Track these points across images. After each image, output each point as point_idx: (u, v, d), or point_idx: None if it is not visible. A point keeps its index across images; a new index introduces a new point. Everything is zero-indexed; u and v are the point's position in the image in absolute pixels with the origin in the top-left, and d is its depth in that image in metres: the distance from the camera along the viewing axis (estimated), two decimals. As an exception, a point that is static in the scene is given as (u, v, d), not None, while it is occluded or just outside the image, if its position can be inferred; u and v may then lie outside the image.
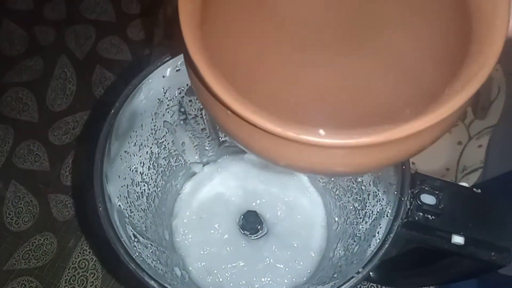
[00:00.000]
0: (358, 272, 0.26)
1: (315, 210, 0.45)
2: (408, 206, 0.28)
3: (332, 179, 0.42)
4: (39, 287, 0.54)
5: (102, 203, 0.28)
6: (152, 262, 0.33)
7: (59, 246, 0.56)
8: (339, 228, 0.41)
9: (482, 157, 0.59)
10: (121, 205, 0.32)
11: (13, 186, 0.60)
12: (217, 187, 0.47)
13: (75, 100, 0.65)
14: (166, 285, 0.26)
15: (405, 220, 0.28)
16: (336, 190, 0.44)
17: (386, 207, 0.31)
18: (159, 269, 0.34)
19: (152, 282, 0.26)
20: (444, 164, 0.60)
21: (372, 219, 0.34)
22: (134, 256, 0.27)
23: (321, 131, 0.15)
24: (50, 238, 0.57)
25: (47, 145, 0.62)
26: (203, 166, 0.48)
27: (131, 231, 0.32)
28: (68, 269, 0.55)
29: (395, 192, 0.30)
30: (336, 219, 0.43)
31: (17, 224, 0.57)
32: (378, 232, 0.30)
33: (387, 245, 0.27)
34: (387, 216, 0.30)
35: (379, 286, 0.52)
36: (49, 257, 0.56)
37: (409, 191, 0.29)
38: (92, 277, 0.54)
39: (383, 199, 0.33)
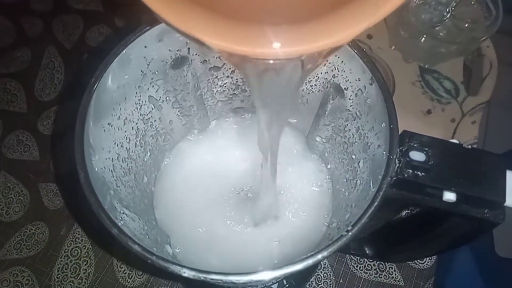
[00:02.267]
0: (347, 231, 0.25)
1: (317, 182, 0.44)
2: (397, 164, 0.28)
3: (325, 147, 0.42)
4: (32, 277, 0.53)
5: (83, 169, 0.27)
6: (140, 235, 0.32)
7: (50, 235, 0.55)
8: (333, 197, 0.41)
9: (476, 133, 0.59)
10: (105, 177, 0.31)
11: (2, 176, 0.59)
12: (207, 161, 0.47)
13: (64, 89, 0.64)
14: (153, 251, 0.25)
15: (395, 178, 0.27)
16: (329, 165, 0.43)
17: (377, 171, 0.30)
18: (147, 244, 0.33)
19: (136, 247, 0.25)
20: (438, 141, 0.60)
21: (363, 185, 0.33)
22: (118, 223, 0.26)
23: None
24: (41, 227, 0.56)
25: (36, 135, 0.61)
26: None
27: (117, 203, 0.31)
28: (61, 258, 0.54)
29: (384, 152, 0.29)
30: (330, 189, 0.42)
31: (8, 214, 0.57)
32: (369, 195, 0.29)
33: (376, 202, 0.26)
34: (377, 178, 0.29)
35: (375, 262, 0.51)
36: (41, 246, 0.55)
37: (398, 149, 0.28)
38: (85, 265, 0.53)
39: (373, 161, 0.32)
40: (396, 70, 0.62)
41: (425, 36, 0.60)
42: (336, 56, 0.34)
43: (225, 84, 0.43)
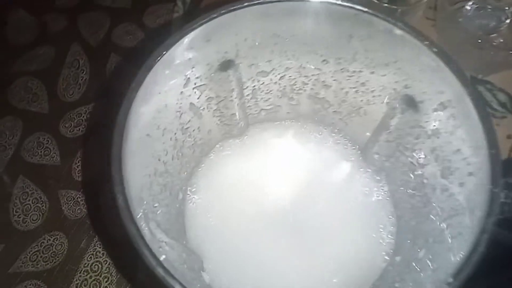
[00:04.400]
0: (448, 284, 0.20)
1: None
2: (503, 199, 0.23)
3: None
4: (48, 292, 0.49)
5: (121, 193, 0.23)
6: (179, 266, 0.28)
7: (70, 247, 0.51)
8: (392, 228, 0.36)
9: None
10: (144, 197, 0.27)
11: (21, 181, 0.55)
12: (245, 176, 0.42)
13: (88, 90, 0.60)
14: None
15: (500, 216, 0.22)
16: (387, 186, 0.38)
17: (467, 202, 0.25)
18: (187, 275, 0.29)
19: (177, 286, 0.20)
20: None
21: (444, 218, 0.28)
22: (161, 259, 0.22)
23: None
24: (60, 238, 0.52)
25: (58, 138, 0.57)
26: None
27: (155, 228, 0.27)
28: (80, 273, 0.50)
29: (480, 183, 0.24)
30: (388, 217, 0.37)
31: (25, 222, 0.53)
32: (460, 233, 0.24)
33: (481, 248, 0.21)
34: (470, 212, 0.24)
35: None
36: (59, 259, 0.51)
37: (503, 180, 0.23)
38: (106, 282, 0.49)
39: (458, 192, 0.27)
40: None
41: (479, 43, 0.55)
42: (412, 63, 0.29)
43: (271, 91, 0.39)
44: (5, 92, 0.61)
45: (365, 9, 0.29)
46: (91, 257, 0.50)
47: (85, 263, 0.50)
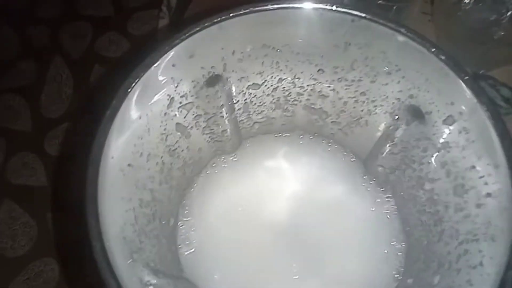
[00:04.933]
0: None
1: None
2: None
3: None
4: (40, 324, 0.46)
5: (98, 239, 0.20)
6: (171, 310, 0.25)
7: (61, 273, 0.49)
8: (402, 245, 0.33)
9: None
10: (126, 237, 0.24)
11: (6, 205, 0.52)
12: (240, 193, 0.39)
13: (72, 105, 0.58)
14: None
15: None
16: (392, 199, 0.36)
17: (486, 228, 0.23)
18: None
19: None
20: None
21: (459, 241, 0.25)
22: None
23: None
24: (50, 264, 0.49)
25: (43, 157, 0.55)
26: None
27: (142, 270, 0.24)
28: (72, 301, 0.47)
29: (500, 205, 0.21)
30: (395, 234, 0.35)
31: (13, 249, 0.50)
32: (481, 263, 0.22)
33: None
34: (491, 240, 0.22)
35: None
36: (51, 286, 0.48)
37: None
38: (100, 309, 0.46)
39: (476, 215, 0.24)
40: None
41: (479, 37, 0.53)
42: (417, 71, 0.27)
43: (264, 103, 0.36)
44: (-14, 111, 0.58)
45: (363, 15, 0.26)
46: (83, 284, 0.48)
47: (78, 290, 0.47)
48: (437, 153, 0.28)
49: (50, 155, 0.55)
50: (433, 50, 0.25)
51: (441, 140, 0.27)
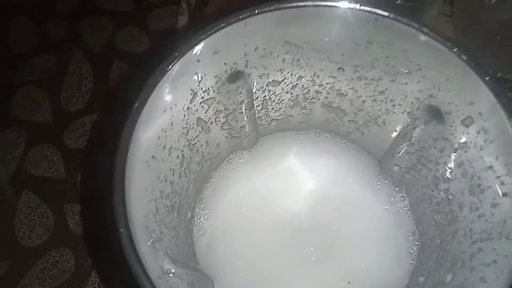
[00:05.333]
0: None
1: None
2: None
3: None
4: (55, 311, 0.47)
5: (125, 227, 0.21)
6: (189, 298, 0.26)
7: (76, 263, 0.49)
8: (416, 243, 0.33)
9: None
10: (150, 226, 0.25)
11: (25, 195, 0.53)
12: (256, 188, 0.40)
13: (92, 98, 0.59)
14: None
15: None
16: (407, 199, 0.36)
17: (501, 226, 0.23)
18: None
19: None
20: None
21: (472, 240, 0.26)
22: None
23: None
24: (66, 255, 0.50)
25: (62, 149, 0.55)
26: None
27: (163, 259, 0.25)
28: (89, 290, 0.48)
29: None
30: (409, 233, 0.35)
31: (30, 238, 0.51)
32: (495, 261, 0.22)
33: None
34: (506, 239, 0.22)
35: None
36: (66, 276, 0.49)
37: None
38: (114, 299, 0.47)
39: (491, 214, 0.25)
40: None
41: (499, 39, 0.53)
42: (438, 71, 0.27)
43: (282, 100, 0.36)
44: (7, 103, 0.59)
45: (386, 14, 0.27)
46: (98, 274, 0.48)
47: (93, 280, 0.48)
48: (454, 153, 0.28)
49: (69, 148, 0.55)
50: (455, 50, 0.25)
51: (459, 140, 0.28)
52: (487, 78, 0.24)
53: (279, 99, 0.36)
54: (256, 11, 0.26)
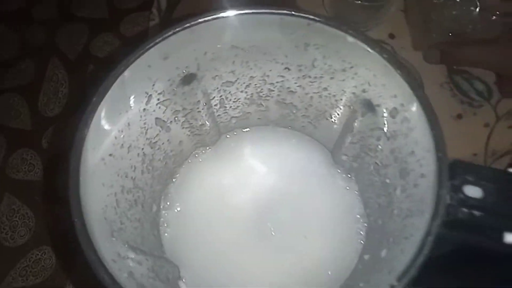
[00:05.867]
0: (392, 287, 0.21)
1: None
2: (449, 202, 0.23)
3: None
4: (39, 307, 0.50)
5: (79, 217, 0.23)
6: (148, 281, 0.28)
7: (58, 260, 0.52)
8: (365, 225, 0.36)
9: (513, 139, 0.54)
10: (107, 217, 0.27)
11: (6, 198, 0.56)
12: (221, 180, 0.42)
13: (68, 104, 0.61)
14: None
15: (446, 218, 0.23)
16: (357, 185, 0.39)
17: (420, 204, 0.26)
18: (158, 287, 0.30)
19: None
20: (470, 149, 0.55)
21: (402, 217, 0.29)
22: (120, 279, 0.22)
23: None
24: (48, 252, 0.53)
25: (41, 153, 0.58)
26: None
27: (121, 246, 0.28)
28: (69, 285, 0.50)
29: (430, 185, 0.25)
30: (358, 216, 0.38)
31: (13, 239, 0.54)
32: (411, 234, 0.25)
33: (425, 250, 0.22)
34: (421, 214, 0.25)
35: None
36: (48, 273, 0.52)
37: (449, 183, 0.23)
38: (95, 293, 0.50)
39: (414, 193, 0.28)
40: (422, 71, 0.57)
41: (450, 36, 0.56)
42: (366, 68, 0.30)
43: (239, 99, 0.39)
44: (-12, 110, 0.61)
45: (318, 18, 0.29)
46: (79, 270, 0.51)
47: (74, 275, 0.51)
48: (387, 141, 0.31)
49: (47, 152, 0.58)
50: (376, 49, 0.28)
51: (390, 129, 0.31)
52: (402, 73, 0.27)
53: (235, 98, 0.39)
54: (200, 20, 0.29)
